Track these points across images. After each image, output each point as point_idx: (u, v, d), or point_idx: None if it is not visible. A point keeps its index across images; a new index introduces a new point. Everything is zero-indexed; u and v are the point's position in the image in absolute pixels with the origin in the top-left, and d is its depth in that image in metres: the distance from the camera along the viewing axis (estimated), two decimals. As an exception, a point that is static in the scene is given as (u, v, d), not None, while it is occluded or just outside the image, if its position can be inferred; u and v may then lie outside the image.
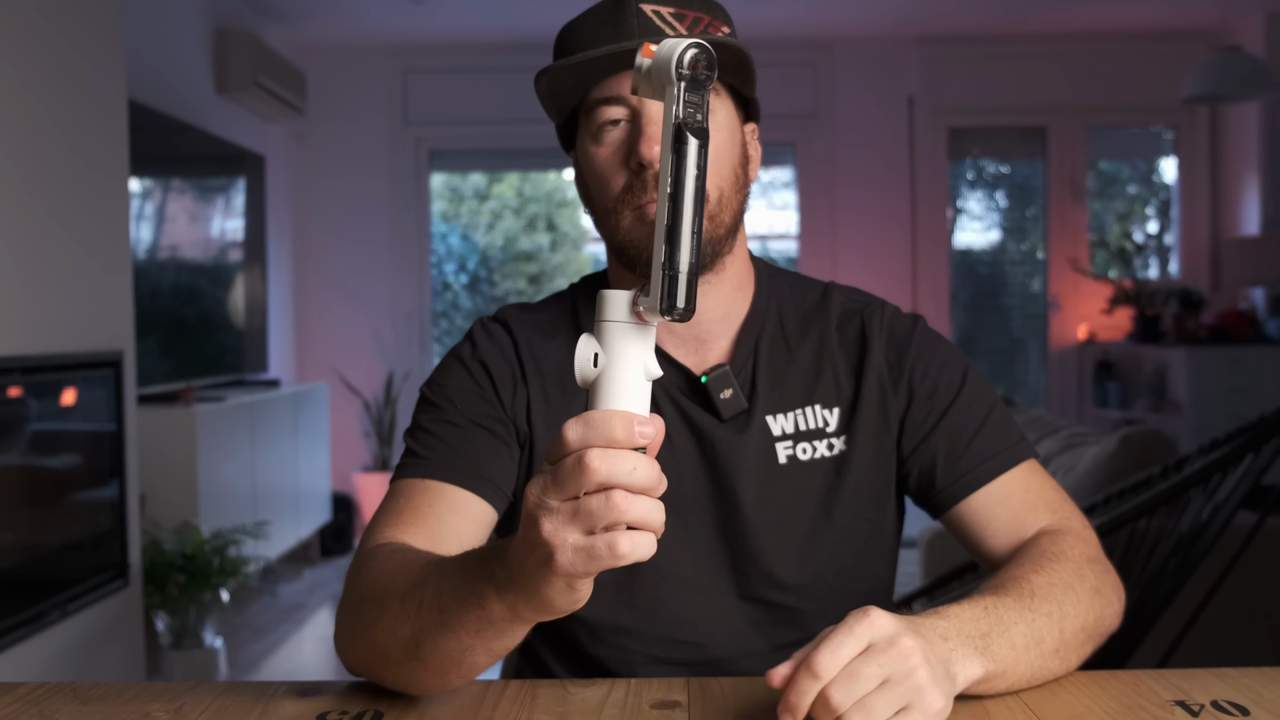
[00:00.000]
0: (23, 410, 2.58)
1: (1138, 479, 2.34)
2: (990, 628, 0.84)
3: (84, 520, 2.82)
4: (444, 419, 1.05)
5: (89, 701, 0.89)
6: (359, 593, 0.90)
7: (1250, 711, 0.83)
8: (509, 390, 1.07)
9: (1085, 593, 0.93)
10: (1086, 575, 0.95)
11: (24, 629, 2.50)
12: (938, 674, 0.76)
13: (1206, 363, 5.54)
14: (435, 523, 0.99)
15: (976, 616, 0.84)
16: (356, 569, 0.93)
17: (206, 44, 4.68)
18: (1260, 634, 2.63)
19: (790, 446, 1.06)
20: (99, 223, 2.85)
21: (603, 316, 0.68)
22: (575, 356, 0.69)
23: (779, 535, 1.05)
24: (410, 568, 0.85)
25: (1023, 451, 1.06)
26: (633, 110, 0.99)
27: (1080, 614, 0.91)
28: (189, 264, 4.45)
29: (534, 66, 1.11)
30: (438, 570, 0.81)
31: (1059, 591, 0.91)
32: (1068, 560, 0.95)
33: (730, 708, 0.85)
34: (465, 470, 1.02)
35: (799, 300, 1.12)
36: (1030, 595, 0.88)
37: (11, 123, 2.49)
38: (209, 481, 3.74)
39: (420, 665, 0.82)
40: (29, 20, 2.55)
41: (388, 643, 0.84)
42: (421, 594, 0.80)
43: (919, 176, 6.00)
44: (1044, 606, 0.88)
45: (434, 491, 1.01)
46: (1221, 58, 4.78)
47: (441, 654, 0.80)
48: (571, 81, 0.99)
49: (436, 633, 0.79)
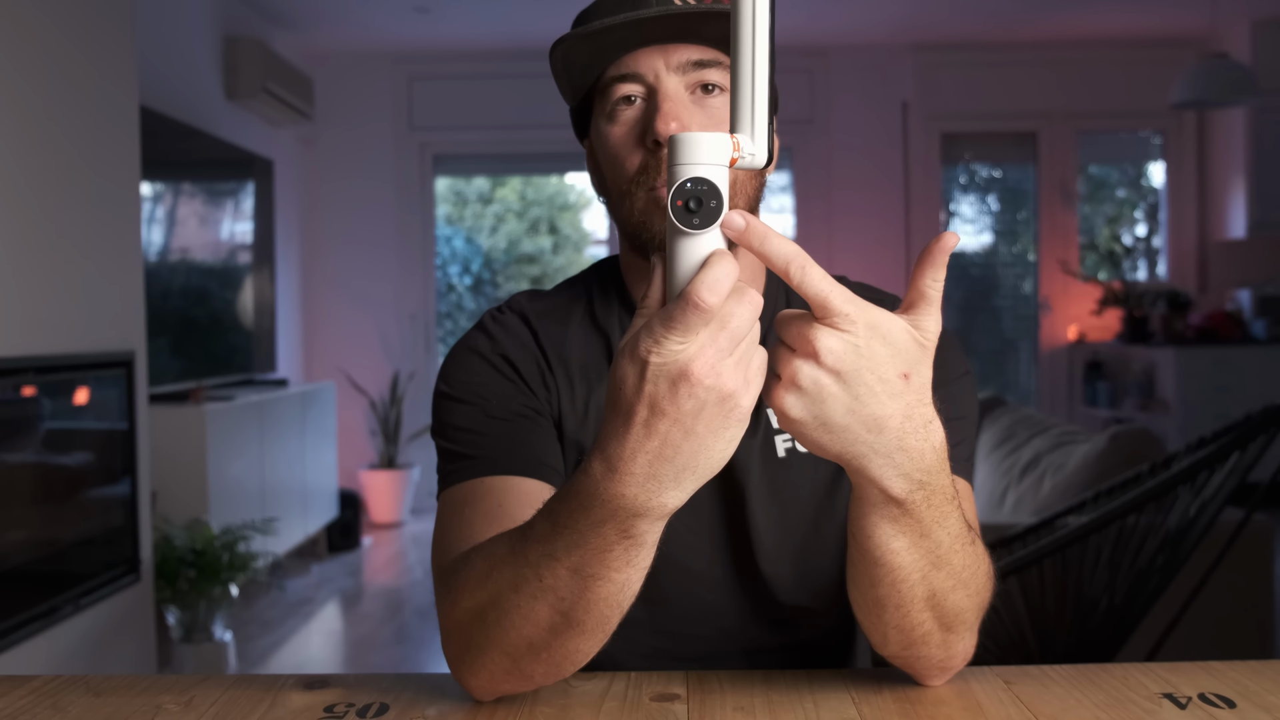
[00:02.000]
0: (37, 409, 2.58)
1: (1126, 476, 2.34)
2: (948, 511, 0.77)
3: (96, 517, 2.82)
4: (484, 413, 0.98)
5: (102, 694, 0.89)
6: (461, 610, 0.80)
7: (1236, 704, 0.83)
8: (538, 381, 1.01)
9: (973, 610, 0.85)
10: (979, 608, 0.86)
11: (38, 623, 2.50)
12: (824, 402, 0.69)
13: (1193, 363, 5.54)
14: (509, 521, 0.88)
15: (952, 494, 0.78)
16: (446, 590, 0.84)
17: (216, 51, 4.68)
18: (1246, 628, 2.63)
19: (789, 439, 1.03)
20: (111, 226, 2.85)
21: (699, 159, 0.64)
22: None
23: (784, 526, 1.03)
24: (496, 557, 0.78)
25: (967, 470, 1.02)
26: (649, 87, 0.95)
27: (981, 571, 0.84)
28: (199, 266, 4.45)
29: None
30: (529, 538, 0.74)
31: (982, 580, 0.84)
32: (983, 577, 0.87)
33: (729, 701, 0.85)
34: (528, 459, 0.95)
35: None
36: (977, 547, 0.83)
37: (25, 128, 2.49)
38: (219, 479, 3.74)
39: (577, 630, 0.75)
40: (43, 29, 2.55)
41: (529, 634, 0.77)
42: (536, 572, 0.73)
43: (913, 180, 6.00)
44: (971, 563, 0.82)
45: (499, 489, 0.92)
46: (1208, 64, 4.78)
47: (599, 609, 0.74)
48: (586, 57, 0.95)
49: (581, 592, 0.72)
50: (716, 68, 0.95)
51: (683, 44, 0.94)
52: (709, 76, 0.95)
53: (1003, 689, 0.87)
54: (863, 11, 5.39)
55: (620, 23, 0.91)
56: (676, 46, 0.94)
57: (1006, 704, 0.84)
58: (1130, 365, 5.95)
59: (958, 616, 0.83)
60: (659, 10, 0.91)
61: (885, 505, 0.75)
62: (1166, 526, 2.10)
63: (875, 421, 0.70)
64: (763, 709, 0.82)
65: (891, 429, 0.70)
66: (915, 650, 0.84)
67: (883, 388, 0.69)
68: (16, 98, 2.46)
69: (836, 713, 0.81)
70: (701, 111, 0.95)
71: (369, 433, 5.85)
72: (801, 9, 5.26)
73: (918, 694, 0.85)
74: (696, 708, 0.84)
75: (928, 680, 0.88)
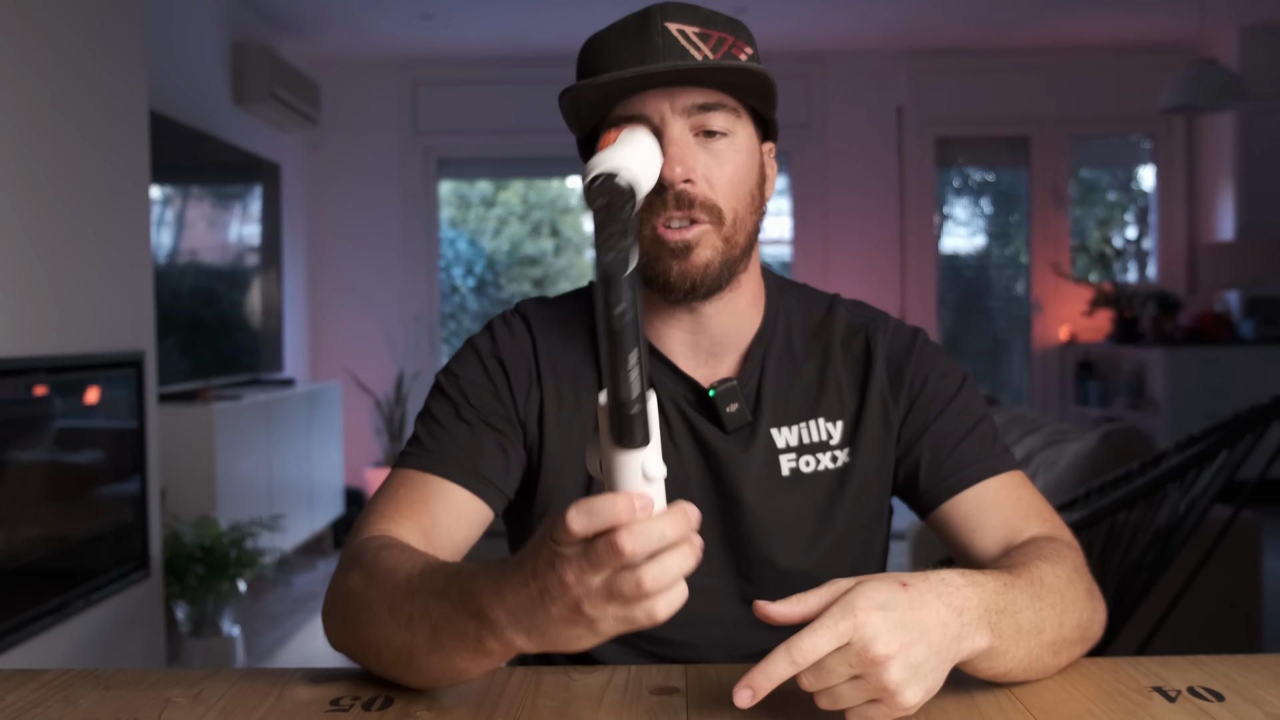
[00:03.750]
0: (48, 408, 2.58)
1: (1117, 474, 2.35)
2: (1007, 604, 0.81)
3: (107, 514, 2.82)
4: (455, 413, 1.03)
5: (112, 687, 0.89)
6: (348, 587, 0.88)
7: (1225, 697, 0.83)
8: (523, 391, 1.05)
9: (1082, 593, 0.91)
10: (1082, 579, 0.92)
11: (49, 618, 2.50)
12: (916, 669, 0.74)
13: (1183, 363, 5.54)
14: (430, 519, 0.97)
15: (997, 590, 0.81)
16: (349, 558, 0.92)
17: (224, 57, 4.68)
18: (1234, 623, 2.63)
19: (794, 459, 1.04)
20: (122, 228, 2.85)
21: (600, 428, 0.69)
22: (585, 459, 0.71)
23: (781, 542, 1.04)
24: (398, 574, 0.83)
25: (1007, 462, 1.03)
26: (655, 129, 0.95)
27: (1078, 611, 0.89)
28: (207, 268, 4.45)
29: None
30: (426, 590, 0.79)
31: (1063, 585, 0.88)
32: (1067, 562, 0.92)
33: (726, 693, 0.85)
34: (466, 468, 1.00)
35: (805, 314, 1.09)
36: (1039, 584, 0.86)
37: (38, 133, 2.49)
38: (227, 476, 3.74)
39: (412, 674, 0.82)
40: (54, 36, 2.55)
41: (379, 646, 0.84)
42: (411, 609, 0.79)
43: (907, 184, 6.00)
44: (1050, 598, 0.86)
45: (432, 486, 0.99)
46: (1197, 70, 4.78)
47: (434, 670, 0.80)
48: (594, 98, 0.96)
49: (430, 651, 0.79)
50: (721, 111, 0.96)
51: (688, 88, 0.95)
52: (713, 123, 0.96)
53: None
54: (858, 18, 5.39)
55: (629, 77, 0.92)
56: (683, 90, 0.95)
57: (1000, 696, 0.84)
58: (1121, 365, 5.95)
59: (1069, 646, 0.88)
60: (666, 66, 0.92)
61: (985, 663, 0.82)
62: (1156, 523, 2.10)
63: (929, 644, 0.76)
64: (761, 702, 0.82)
65: (936, 638, 0.76)
66: (1065, 659, 0.89)
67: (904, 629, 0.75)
68: (30, 103, 2.46)
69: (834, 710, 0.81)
70: (706, 154, 0.96)
71: (374, 431, 5.85)
72: (798, 16, 5.26)
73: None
74: (695, 701, 0.84)
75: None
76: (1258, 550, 2.65)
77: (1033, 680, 0.86)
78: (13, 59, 2.40)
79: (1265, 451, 2.13)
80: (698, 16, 0.97)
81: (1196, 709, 0.81)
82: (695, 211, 0.96)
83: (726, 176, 0.97)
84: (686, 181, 0.95)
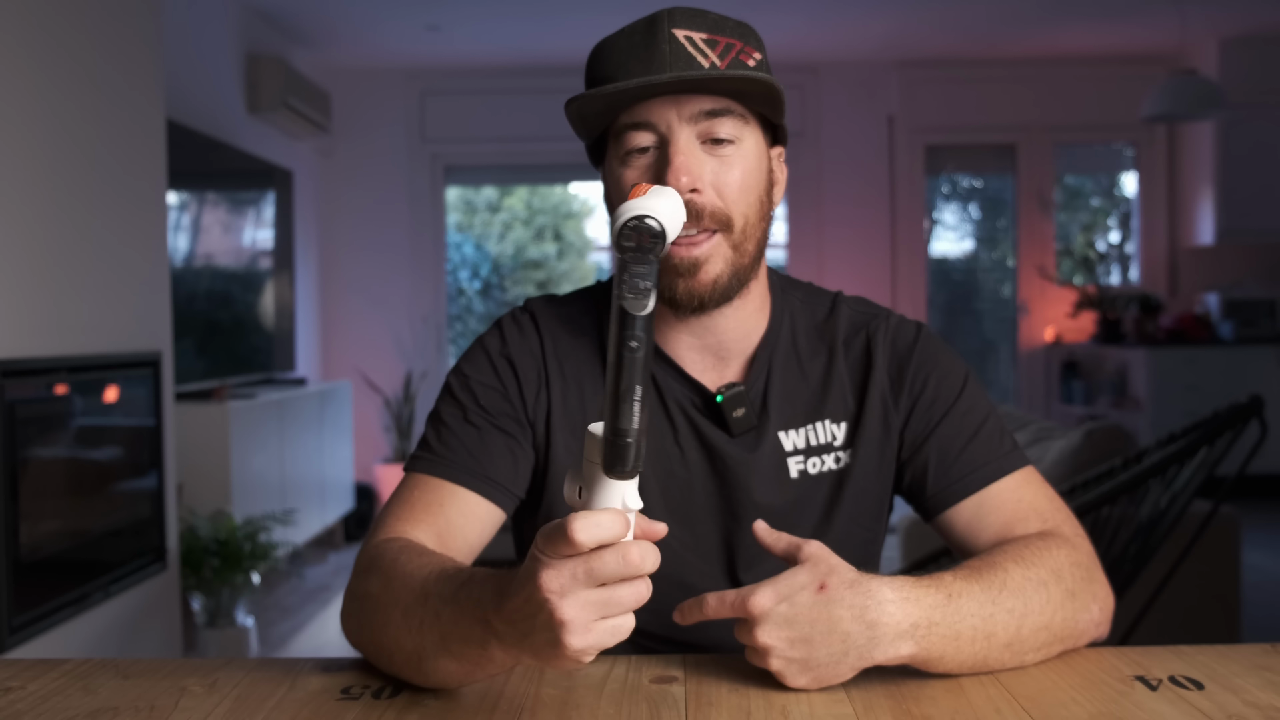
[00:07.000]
0: (69, 407, 2.58)
1: (1100, 470, 2.34)
2: (944, 617, 0.81)
3: (125, 508, 2.82)
4: (464, 416, 1.01)
5: (130, 676, 0.89)
6: (365, 588, 0.88)
7: (1205, 686, 0.83)
8: (533, 391, 1.02)
9: (1058, 594, 0.88)
10: (1064, 578, 0.89)
11: (69, 609, 2.50)
12: (792, 662, 0.80)
13: (1164, 362, 5.54)
14: (444, 522, 0.96)
15: (936, 604, 0.81)
16: (367, 560, 0.91)
17: (239, 67, 4.68)
18: (1214, 614, 2.63)
19: (802, 461, 1.02)
20: (139, 233, 2.85)
21: (586, 455, 0.68)
22: (564, 487, 0.70)
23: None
24: (413, 578, 0.83)
25: (1014, 462, 1.00)
26: (661, 137, 0.93)
27: (1047, 613, 0.87)
28: (222, 271, 4.45)
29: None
30: (438, 595, 0.78)
31: (1031, 587, 0.86)
32: (1048, 560, 0.90)
33: (724, 682, 0.85)
34: (476, 473, 0.98)
35: (809, 315, 1.07)
36: (1000, 588, 0.85)
37: (59, 141, 2.49)
38: (241, 472, 3.74)
39: (422, 676, 0.82)
40: (74, 47, 2.55)
41: (391, 648, 0.83)
42: (422, 614, 0.79)
43: (898, 190, 6.00)
44: (1009, 602, 0.84)
45: (444, 491, 0.97)
46: (1178, 80, 4.78)
47: (443, 673, 0.80)
48: (600, 107, 0.93)
49: (439, 655, 0.78)
50: (729, 117, 0.94)
51: (695, 95, 0.93)
52: (721, 129, 0.94)
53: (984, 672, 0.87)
54: (851, 30, 5.39)
55: (634, 87, 0.90)
56: (689, 98, 0.93)
57: (988, 685, 0.84)
58: (1104, 365, 5.95)
59: (1035, 647, 0.88)
60: (670, 77, 0.89)
61: (922, 666, 0.83)
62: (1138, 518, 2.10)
63: (816, 645, 0.80)
64: (757, 690, 0.82)
65: (833, 643, 0.80)
66: (1034, 656, 0.89)
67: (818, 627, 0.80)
68: (50, 111, 2.46)
69: (826, 693, 0.81)
70: (713, 160, 0.94)
71: (383, 429, 5.85)
72: (793, 27, 5.26)
73: (904, 677, 0.85)
74: (694, 689, 0.84)
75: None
76: (1236, 544, 2.65)
77: (1001, 670, 0.86)
78: (37, 71, 2.40)
79: (1244, 448, 2.13)
80: (706, 22, 0.94)
81: (1177, 697, 0.81)
82: (705, 222, 0.93)
83: (734, 183, 0.94)
84: (693, 191, 0.92)
